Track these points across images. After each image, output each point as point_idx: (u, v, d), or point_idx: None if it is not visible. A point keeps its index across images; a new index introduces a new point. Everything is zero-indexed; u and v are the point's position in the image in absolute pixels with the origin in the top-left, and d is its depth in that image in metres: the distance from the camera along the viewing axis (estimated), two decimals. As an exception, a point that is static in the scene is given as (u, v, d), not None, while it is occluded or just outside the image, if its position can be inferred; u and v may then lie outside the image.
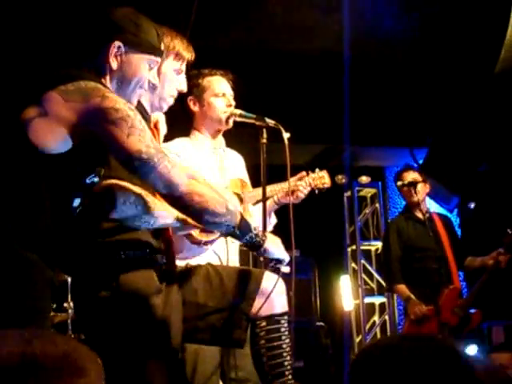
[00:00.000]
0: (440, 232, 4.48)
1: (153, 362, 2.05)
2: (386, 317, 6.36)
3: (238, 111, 2.85)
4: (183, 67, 2.41)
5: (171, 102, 2.40)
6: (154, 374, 2.04)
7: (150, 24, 2.09)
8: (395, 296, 6.27)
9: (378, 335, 6.30)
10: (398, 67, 5.03)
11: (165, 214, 2.13)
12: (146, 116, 2.22)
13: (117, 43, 2.01)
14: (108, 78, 2.03)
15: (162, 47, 2.12)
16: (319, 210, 5.25)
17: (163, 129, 2.43)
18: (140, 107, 2.18)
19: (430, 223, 4.46)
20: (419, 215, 4.53)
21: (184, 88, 2.46)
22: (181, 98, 2.60)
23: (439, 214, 4.76)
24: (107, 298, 2.02)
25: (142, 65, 2.05)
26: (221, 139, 3.08)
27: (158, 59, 2.10)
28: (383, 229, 6.38)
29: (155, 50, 2.08)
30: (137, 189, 2.08)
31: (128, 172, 1.95)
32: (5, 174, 1.86)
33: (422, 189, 4.54)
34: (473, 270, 4.48)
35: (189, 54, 2.39)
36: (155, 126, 2.38)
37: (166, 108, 2.41)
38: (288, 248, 2.28)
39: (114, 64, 2.01)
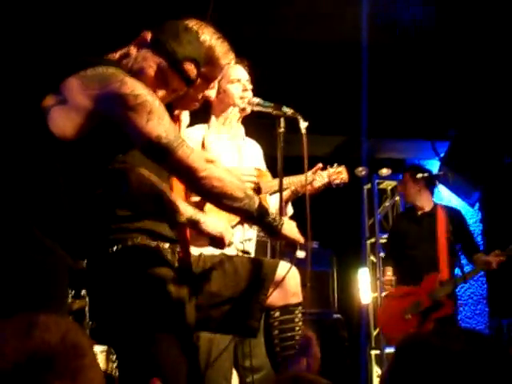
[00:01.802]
0: (438, 226, 4.67)
1: (167, 345, 2.06)
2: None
3: (256, 100, 2.82)
4: (218, 72, 2.31)
5: (197, 104, 2.35)
6: (165, 355, 2.05)
7: (187, 37, 2.05)
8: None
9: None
10: (420, 57, 4.98)
11: (179, 204, 2.14)
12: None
13: (146, 33, 2.02)
14: (127, 62, 2.02)
15: (193, 71, 2.08)
16: (339, 202, 5.23)
17: (186, 119, 2.42)
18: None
19: (430, 218, 4.71)
20: (418, 212, 4.82)
21: (213, 95, 2.41)
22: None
23: (446, 207, 4.87)
24: (121, 287, 2.04)
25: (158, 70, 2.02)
26: (240, 127, 3.06)
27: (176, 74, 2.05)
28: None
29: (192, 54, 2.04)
30: (147, 172, 2.09)
31: (147, 157, 1.95)
32: (25, 162, 1.87)
33: (410, 190, 4.82)
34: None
35: (226, 60, 2.28)
36: (177, 116, 2.37)
37: (190, 109, 2.37)
38: (305, 239, 2.28)
39: (135, 52, 2.02)
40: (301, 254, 2.31)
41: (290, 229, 2.18)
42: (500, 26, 4.57)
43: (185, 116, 2.40)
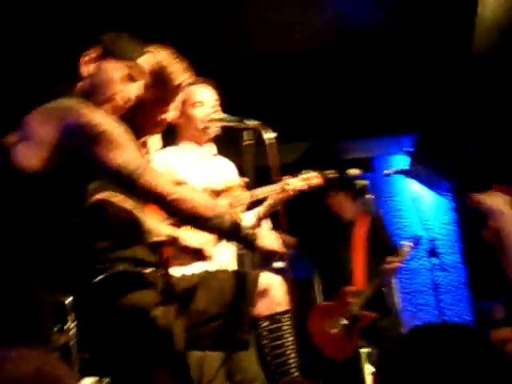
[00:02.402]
0: (355, 235, 4.70)
1: (158, 371, 2.06)
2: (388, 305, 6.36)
3: (218, 116, 2.85)
4: (174, 95, 2.32)
5: (163, 126, 2.36)
6: (160, 382, 2.05)
7: (131, 40, 2.11)
8: (394, 284, 6.30)
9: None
10: (376, 56, 5.04)
11: (158, 229, 2.15)
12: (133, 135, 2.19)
13: (91, 51, 2.05)
14: (81, 84, 2.04)
15: (146, 66, 2.12)
16: (311, 207, 5.25)
17: (157, 144, 2.43)
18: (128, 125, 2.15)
19: (350, 228, 4.75)
20: (343, 222, 4.86)
21: (169, 117, 2.37)
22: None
23: (367, 214, 4.91)
24: (108, 315, 2.03)
25: (115, 71, 2.05)
26: (211, 146, 3.08)
27: (134, 70, 2.09)
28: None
29: (132, 57, 2.08)
30: (127, 204, 2.09)
31: (115, 185, 1.96)
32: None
33: (333, 201, 4.90)
34: None
35: (180, 81, 2.30)
36: (145, 142, 2.38)
37: (155, 133, 2.39)
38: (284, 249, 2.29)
39: (86, 70, 2.03)
40: (279, 264, 2.33)
41: (267, 240, 2.19)
42: (453, 17, 4.65)
43: (155, 140, 2.41)
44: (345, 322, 4.43)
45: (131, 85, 2.09)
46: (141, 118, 2.24)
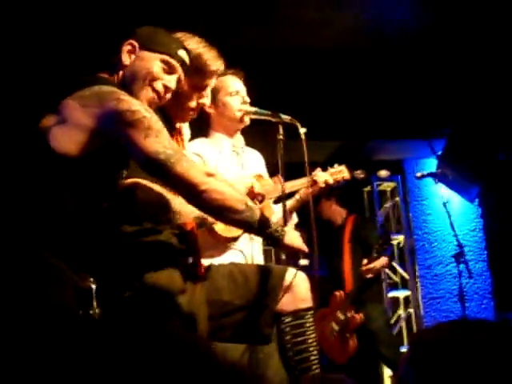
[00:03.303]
0: (344, 238, 4.87)
1: (180, 360, 2.06)
2: (411, 310, 6.33)
3: (253, 109, 2.85)
4: (209, 81, 2.36)
5: (194, 114, 2.38)
6: (181, 372, 2.06)
7: (168, 34, 2.14)
8: (419, 289, 6.27)
9: (404, 329, 6.27)
10: (413, 59, 5.00)
11: (186, 212, 2.15)
12: (166, 124, 2.20)
13: (130, 41, 2.07)
14: (120, 74, 2.06)
15: (186, 58, 2.14)
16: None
17: (187, 134, 2.44)
18: (161, 114, 2.17)
19: (340, 232, 4.94)
20: (334, 227, 5.06)
21: (207, 102, 2.43)
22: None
23: (356, 219, 5.06)
24: (131, 298, 2.05)
25: (154, 62, 2.07)
26: (240, 138, 3.08)
27: (174, 62, 2.11)
28: (404, 222, 6.39)
29: (170, 49, 2.09)
30: (157, 187, 2.10)
31: (147, 173, 1.97)
32: (28, 182, 1.89)
33: (323, 207, 5.03)
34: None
35: (216, 67, 2.33)
36: (179, 130, 2.39)
37: (188, 119, 2.40)
38: (310, 246, 2.30)
39: (127, 60, 2.05)
40: (304, 261, 2.33)
41: (293, 239, 2.18)
42: (492, 23, 4.59)
43: (185, 130, 2.42)
44: (336, 327, 4.50)
45: (169, 77, 2.10)
46: (174, 106, 2.25)
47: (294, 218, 3.22)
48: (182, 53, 2.13)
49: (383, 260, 4.73)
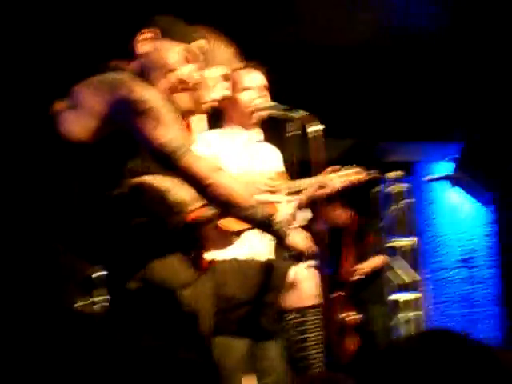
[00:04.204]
0: (348, 240, 4.95)
1: (182, 352, 2.07)
2: (414, 313, 6.30)
3: (269, 104, 2.83)
4: (228, 74, 2.37)
5: (209, 106, 2.37)
6: (183, 365, 2.06)
7: (188, 25, 2.12)
8: (423, 293, 6.26)
9: (407, 332, 6.25)
10: (431, 60, 4.98)
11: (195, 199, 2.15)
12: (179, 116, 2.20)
13: (150, 29, 2.05)
14: (137, 62, 2.04)
15: (205, 49, 2.13)
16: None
17: (204, 126, 2.44)
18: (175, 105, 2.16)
19: (344, 233, 5.00)
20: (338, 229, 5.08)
21: (228, 94, 2.43)
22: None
23: (360, 220, 5.11)
24: (135, 290, 2.04)
25: (173, 52, 2.05)
26: (257, 132, 3.06)
27: (194, 52, 2.09)
28: (411, 225, 6.37)
29: (190, 40, 2.08)
30: (167, 183, 2.09)
31: (157, 163, 1.96)
32: (36, 166, 1.89)
33: (327, 212, 4.94)
34: None
35: (234, 62, 2.36)
36: (188, 124, 2.38)
37: (203, 112, 2.40)
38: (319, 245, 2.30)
39: (144, 48, 2.04)
40: (310, 262, 2.33)
41: (298, 239, 2.18)
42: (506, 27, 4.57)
43: (202, 122, 2.41)
44: (337, 326, 4.56)
45: (186, 66, 2.09)
46: (192, 97, 2.24)
47: (308, 214, 3.19)
48: (201, 44, 2.12)
49: (374, 262, 4.77)
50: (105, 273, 2.24)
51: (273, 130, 3.05)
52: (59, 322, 1.77)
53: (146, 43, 2.05)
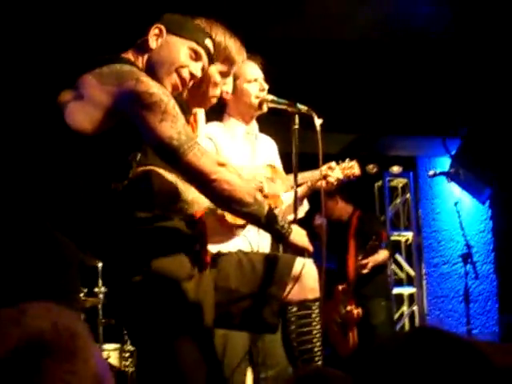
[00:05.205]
0: (349, 235, 4.94)
1: (184, 344, 2.07)
2: (415, 307, 6.33)
3: (270, 97, 2.83)
4: (232, 70, 2.35)
5: (214, 101, 2.36)
6: (185, 357, 2.06)
7: (195, 22, 2.13)
8: (424, 287, 6.27)
9: (407, 326, 6.27)
10: (431, 55, 4.97)
11: (199, 203, 2.15)
12: (185, 109, 2.19)
13: (158, 25, 2.05)
14: (145, 57, 2.04)
15: (211, 47, 2.12)
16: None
17: (202, 124, 2.44)
18: (180, 100, 2.16)
19: (345, 227, 4.99)
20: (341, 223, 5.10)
21: (229, 90, 2.43)
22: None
23: (361, 214, 5.08)
24: (139, 283, 2.05)
25: (181, 49, 2.05)
26: (254, 124, 3.07)
27: (201, 49, 2.08)
28: (413, 219, 6.37)
29: (198, 38, 2.07)
30: (171, 176, 2.09)
31: (160, 158, 1.96)
32: (41, 156, 1.89)
33: (328, 205, 4.92)
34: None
35: (240, 57, 2.33)
36: (194, 116, 2.38)
37: (207, 106, 2.39)
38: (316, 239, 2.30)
39: (153, 44, 2.03)
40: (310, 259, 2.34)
41: (299, 237, 2.18)
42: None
43: (201, 115, 2.41)
44: (338, 319, 4.58)
45: (195, 64, 2.08)
46: (196, 92, 2.24)
47: (305, 205, 3.20)
48: (208, 41, 2.11)
49: (379, 256, 4.76)
50: (106, 264, 2.25)
51: (270, 123, 3.06)
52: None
53: (155, 38, 2.05)
